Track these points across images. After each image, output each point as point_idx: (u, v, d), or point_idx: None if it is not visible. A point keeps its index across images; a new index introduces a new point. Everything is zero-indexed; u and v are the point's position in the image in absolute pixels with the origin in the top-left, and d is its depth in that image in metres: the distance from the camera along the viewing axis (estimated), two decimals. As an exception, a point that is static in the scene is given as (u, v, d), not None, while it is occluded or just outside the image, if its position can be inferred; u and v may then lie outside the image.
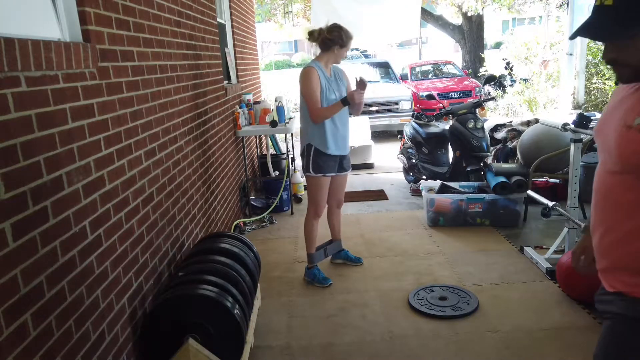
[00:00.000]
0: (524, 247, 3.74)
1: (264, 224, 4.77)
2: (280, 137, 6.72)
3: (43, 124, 1.54)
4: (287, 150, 5.40)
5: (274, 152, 6.36)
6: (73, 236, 1.68)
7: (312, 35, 3.27)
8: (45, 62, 1.54)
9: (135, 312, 2.17)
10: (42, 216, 1.51)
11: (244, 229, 4.62)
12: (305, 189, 5.88)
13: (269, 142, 6.31)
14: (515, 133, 5.54)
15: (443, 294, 3.18)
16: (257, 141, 6.29)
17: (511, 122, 5.94)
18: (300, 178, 5.74)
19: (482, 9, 13.28)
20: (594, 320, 2.78)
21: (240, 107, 4.99)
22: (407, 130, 5.73)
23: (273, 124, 4.81)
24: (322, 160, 3.30)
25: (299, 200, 5.52)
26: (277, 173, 5.40)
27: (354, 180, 6.31)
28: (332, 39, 3.22)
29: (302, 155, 3.39)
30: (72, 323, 1.63)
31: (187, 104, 3.20)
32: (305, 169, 3.36)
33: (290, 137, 5.70)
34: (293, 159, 5.91)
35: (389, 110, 8.69)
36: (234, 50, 5.41)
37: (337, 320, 2.98)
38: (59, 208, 1.60)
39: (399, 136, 6.34)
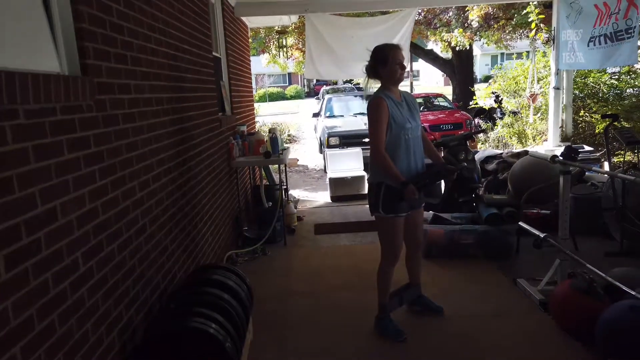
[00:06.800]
0: (517, 279, 3.74)
1: (256, 255, 4.74)
2: (273, 168, 6.75)
3: (39, 155, 1.56)
4: (281, 181, 5.42)
5: (267, 184, 6.37)
6: (65, 268, 1.67)
7: (367, 72, 3.02)
8: (44, 95, 1.57)
9: (125, 347, 2.13)
10: (35, 247, 1.51)
11: (237, 260, 4.58)
12: (299, 220, 5.88)
13: (262, 173, 6.34)
14: (506, 165, 5.63)
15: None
16: (251, 172, 6.31)
17: (501, 154, 6.04)
18: (293, 209, 5.74)
19: (470, 46, 13.66)
20: (587, 353, 2.77)
21: (234, 139, 5.03)
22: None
23: (267, 154, 4.85)
24: (395, 198, 2.87)
25: (292, 231, 5.50)
26: (270, 204, 5.40)
27: (347, 211, 6.32)
28: (371, 63, 2.95)
29: (369, 192, 3.01)
30: (62, 357, 1.60)
31: (182, 135, 3.23)
32: (373, 208, 2.96)
33: (284, 168, 5.73)
34: (286, 190, 5.92)
35: None
36: (229, 83, 5.50)
37: (330, 355, 2.94)
38: (52, 239, 1.60)
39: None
